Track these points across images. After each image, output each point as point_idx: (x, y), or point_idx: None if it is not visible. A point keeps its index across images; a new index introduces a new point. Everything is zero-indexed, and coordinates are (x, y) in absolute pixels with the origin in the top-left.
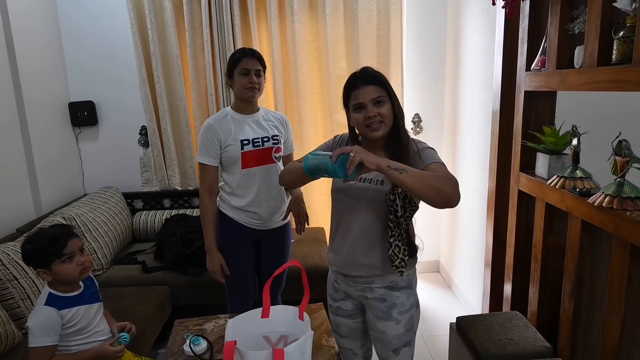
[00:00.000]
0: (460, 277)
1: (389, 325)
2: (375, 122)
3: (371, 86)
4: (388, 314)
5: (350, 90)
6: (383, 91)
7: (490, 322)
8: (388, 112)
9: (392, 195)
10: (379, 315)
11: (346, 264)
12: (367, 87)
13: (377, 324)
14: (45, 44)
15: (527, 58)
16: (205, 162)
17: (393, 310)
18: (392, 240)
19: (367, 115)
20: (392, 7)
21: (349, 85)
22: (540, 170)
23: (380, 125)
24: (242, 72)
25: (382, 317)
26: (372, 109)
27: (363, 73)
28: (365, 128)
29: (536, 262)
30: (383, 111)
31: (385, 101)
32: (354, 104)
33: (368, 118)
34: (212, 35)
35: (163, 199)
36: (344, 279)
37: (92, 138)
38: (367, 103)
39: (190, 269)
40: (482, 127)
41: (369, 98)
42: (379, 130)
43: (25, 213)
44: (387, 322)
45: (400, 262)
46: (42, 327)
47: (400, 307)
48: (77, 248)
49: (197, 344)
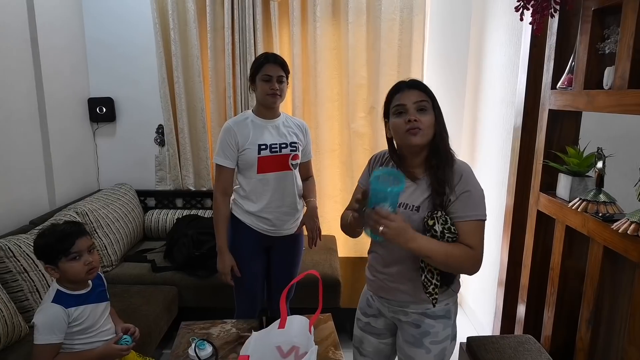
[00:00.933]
0: (472, 295)
1: (418, 352)
2: (414, 128)
3: (416, 91)
4: (420, 340)
5: (394, 94)
6: (427, 98)
7: (502, 345)
8: (429, 122)
9: (430, 220)
10: (410, 340)
11: (379, 286)
12: (412, 90)
13: (406, 348)
14: (69, 41)
15: (553, 76)
16: (222, 163)
17: (425, 338)
18: (423, 265)
19: (408, 119)
20: (415, 18)
21: (393, 90)
22: (562, 191)
23: (419, 131)
24: (264, 79)
25: (412, 342)
26: (414, 114)
27: (410, 80)
28: (404, 133)
29: (553, 286)
30: (424, 119)
31: (428, 109)
32: (395, 104)
33: (409, 122)
34: (234, 38)
35: (176, 199)
36: (378, 299)
37: (109, 134)
38: (409, 106)
39: (199, 270)
40: (502, 144)
41: (411, 101)
42: (417, 135)
43: (39, 206)
44: (417, 349)
45: (433, 289)
46: (48, 325)
47: (434, 336)
48: (86, 247)
49: (203, 348)
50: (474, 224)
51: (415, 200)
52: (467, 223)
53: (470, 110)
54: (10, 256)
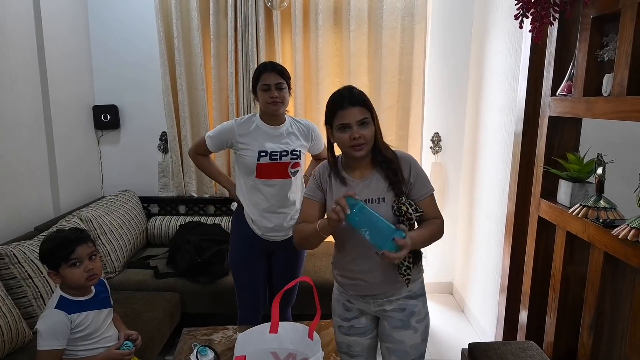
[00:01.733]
0: (474, 301)
1: (407, 334)
2: (359, 144)
3: (357, 107)
4: (407, 322)
5: (336, 110)
6: (367, 113)
7: (504, 351)
8: (370, 133)
9: (403, 207)
10: (397, 325)
11: (368, 286)
12: (354, 108)
13: (395, 334)
14: (74, 48)
15: (553, 83)
16: (208, 144)
17: (412, 318)
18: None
19: (353, 136)
20: (417, 26)
21: (334, 104)
22: (562, 197)
23: (363, 146)
24: (263, 88)
25: (400, 326)
26: (358, 131)
27: (349, 93)
28: (349, 148)
29: (554, 292)
30: (366, 133)
31: (369, 123)
32: (339, 123)
33: (353, 139)
34: (237, 46)
35: (179, 205)
36: (361, 299)
37: (114, 141)
38: (352, 124)
39: (202, 277)
40: (503, 150)
41: (355, 119)
42: (362, 151)
43: (44, 212)
44: (405, 331)
45: (406, 270)
46: (51, 331)
47: (418, 314)
48: (87, 254)
49: (204, 354)
50: (430, 198)
51: (377, 193)
52: (427, 199)
53: (472, 116)
54: (15, 262)
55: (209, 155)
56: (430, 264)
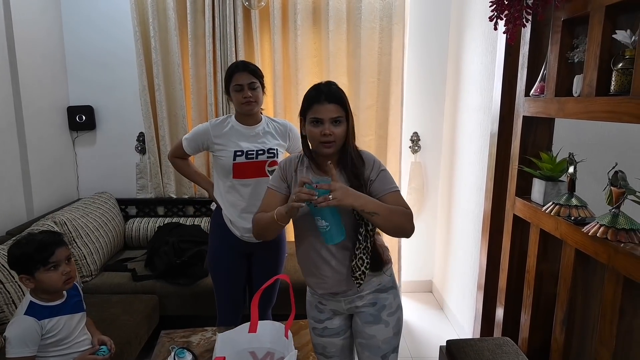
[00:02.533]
0: (452, 299)
1: (378, 328)
2: (328, 141)
3: (333, 105)
4: (378, 317)
5: (312, 103)
6: (342, 112)
7: (481, 348)
8: (342, 133)
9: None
10: (369, 320)
11: (334, 282)
12: (329, 104)
13: (367, 329)
14: (47, 49)
15: (527, 84)
16: (185, 146)
17: (382, 312)
18: (357, 252)
19: (324, 132)
20: (395, 27)
21: (311, 98)
22: (536, 195)
23: (332, 144)
24: (235, 89)
25: (371, 321)
26: (330, 128)
27: (328, 89)
28: (318, 144)
29: (529, 288)
30: (338, 132)
31: (342, 122)
32: (312, 117)
33: (324, 135)
34: (215, 45)
35: (157, 207)
36: (332, 297)
37: (89, 143)
38: (325, 120)
39: (181, 278)
40: (480, 149)
41: (328, 116)
42: (330, 148)
43: (16, 216)
44: (376, 325)
45: (360, 275)
46: (20, 338)
47: (389, 308)
48: (64, 257)
49: (182, 357)
50: (395, 194)
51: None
52: (390, 195)
53: (450, 116)
54: None
55: (187, 158)
56: (410, 262)
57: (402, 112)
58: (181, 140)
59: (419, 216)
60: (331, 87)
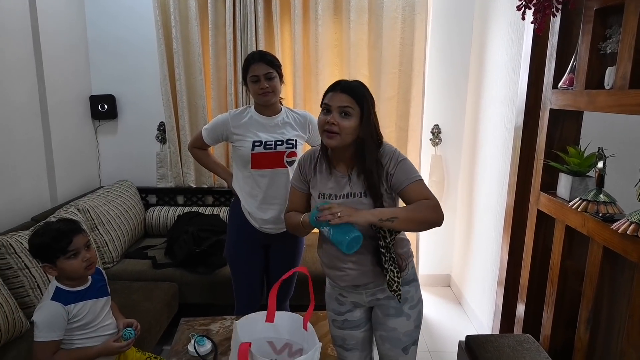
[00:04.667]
0: (471, 294)
1: (400, 321)
2: (331, 132)
3: (346, 95)
4: (400, 309)
5: (328, 91)
6: (356, 106)
7: (501, 344)
8: (349, 127)
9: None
10: (391, 313)
11: (357, 275)
12: (342, 94)
13: (388, 321)
14: (71, 39)
15: (555, 75)
16: (205, 137)
17: (404, 305)
18: (387, 265)
19: (328, 120)
20: (417, 17)
21: (330, 87)
22: (562, 191)
23: (335, 135)
24: (252, 80)
25: (393, 313)
26: (335, 117)
27: (347, 82)
28: (322, 132)
29: (552, 286)
30: (344, 124)
31: (352, 115)
32: (324, 103)
33: (326, 123)
34: (235, 35)
35: (177, 196)
36: (354, 290)
37: (111, 131)
38: (333, 109)
39: (200, 267)
40: (503, 142)
41: (337, 104)
42: (332, 139)
43: (40, 202)
44: (398, 318)
45: (397, 286)
46: (47, 323)
47: (411, 301)
48: (83, 244)
49: (202, 344)
50: (417, 184)
51: (358, 187)
52: (412, 185)
53: (472, 108)
54: (11, 252)
55: (207, 149)
56: (428, 256)
57: (423, 104)
58: (201, 130)
59: None
60: (352, 81)
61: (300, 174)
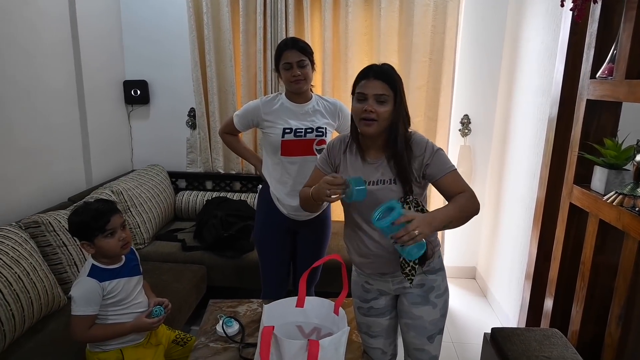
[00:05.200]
0: (497, 286)
1: (426, 310)
2: (369, 119)
3: (380, 82)
4: (426, 298)
5: (361, 79)
6: (390, 92)
7: (527, 337)
8: (386, 113)
9: (405, 205)
10: (417, 301)
11: (383, 263)
12: (376, 81)
13: (414, 309)
14: (106, 25)
15: (593, 65)
16: (236, 122)
17: (431, 293)
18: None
19: (365, 108)
20: (450, 4)
21: (361, 74)
22: (597, 184)
23: (373, 123)
24: (285, 67)
25: (419, 302)
26: (372, 105)
27: (379, 67)
28: (359, 120)
29: (583, 280)
30: (381, 111)
31: (387, 102)
32: (358, 92)
33: (365, 111)
34: (265, 22)
35: (206, 181)
36: (380, 278)
37: (143, 116)
38: (369, 97)
39: (227, 251)
40: (535, 134)
41: (372, 92)
42: (370, 127)
43: (77, 183)
44: (424, 306)
45: (410, 270)
46: (84, 298)
47: (437, 290)
48: (119, 224)
49: (230, 325)
50: (452, 175)
51: (388, 174)
52: (448, 176)
53: (504, 99)
54: (50, 230)
55: (237, 135)
56: (453, 248)
57: (453, 93)
58: (232, 116)
59: None
60: (383, 66)
61: (329, 157)
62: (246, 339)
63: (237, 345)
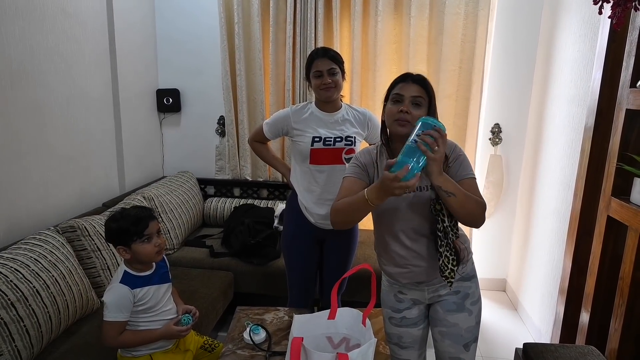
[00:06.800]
0: (528, 300)
1: (461, 317)
2: (404, 120)
3: (417, 86)
4: (461, 305)
5: (398, 82)
6: (425, 96)
7: (562, 354)
8: (420, 116)
9: (437, 205)
10: (452, 308)
11: (420, 272)
12: (414, 85)
13: (449, 317)
14: (142, 35)
15: (633, 74)
16: (265, 131)
17: (466, 300)
18: (442, 250)
19: (401, 109)
20: (480, 12)
21: (398, 78)
22: (637, 197)
23: (407, 124)
24: (315, 75)
25: (455, 309)
26: (408, 106)
27: (416, 74)
28: (393, 122)
29: (622, 296)
30: (416, 113)
31: (422, 105)
32: (395, 92)
33: (400, 112)
34: (295, 31)
35: (234, 188)
36: (416, 287)
37: (175, 124)
38: (406, 97)
39: (255, 258)
40: (570, 144)
41: (410, 94)
42: (404, 127)
43: (110, 189)
44: (460, 313)
45: (450, 273)
46: (116, 304)
47: (472, 297)
48: (156, 230)
49: (257, 333)
50: (471, 181)
51: (424, 181)
52: (466, 180)
53: (536, 108)
54: (85, 235)
55: (266, 143)
56: (483, 259)
57: (481, 103)
58: (262, 125)
59: (496, 211)
60: (421, 75)
61: (360, 165)
62: (273, 347)
63: (264, 353)
